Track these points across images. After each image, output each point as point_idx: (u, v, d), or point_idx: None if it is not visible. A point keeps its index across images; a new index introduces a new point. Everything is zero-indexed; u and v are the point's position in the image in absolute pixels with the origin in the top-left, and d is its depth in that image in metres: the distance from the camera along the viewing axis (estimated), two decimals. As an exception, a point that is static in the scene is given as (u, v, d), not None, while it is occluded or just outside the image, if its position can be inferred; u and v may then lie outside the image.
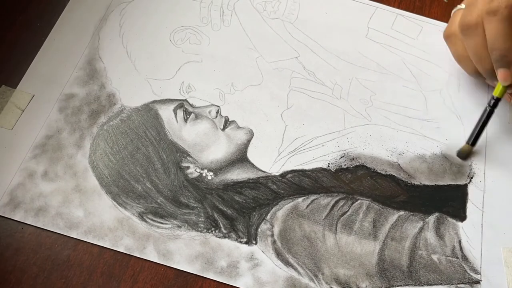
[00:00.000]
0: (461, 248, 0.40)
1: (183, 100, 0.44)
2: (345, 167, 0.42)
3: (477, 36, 0.39)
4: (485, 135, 0.45)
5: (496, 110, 0.44)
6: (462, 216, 0.41)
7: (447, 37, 0.44)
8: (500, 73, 0.40)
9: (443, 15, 0.50)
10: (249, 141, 0.43)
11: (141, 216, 0.39)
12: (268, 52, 0.47)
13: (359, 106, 0.45)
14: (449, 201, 0.42)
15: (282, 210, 0.40)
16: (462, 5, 0.43)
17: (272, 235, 0.39)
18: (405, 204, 0.41)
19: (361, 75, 0.46)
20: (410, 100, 0.46)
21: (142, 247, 0.38)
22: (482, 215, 0.41)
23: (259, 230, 0.39)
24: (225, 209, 0.40)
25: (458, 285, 0.38)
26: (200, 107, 0.44)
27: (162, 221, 0.39)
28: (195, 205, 0.40)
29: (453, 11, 0.45)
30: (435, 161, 0.43)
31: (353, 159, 0.43)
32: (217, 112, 0.44)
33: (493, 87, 0.43)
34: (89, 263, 0.38)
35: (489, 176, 0.43)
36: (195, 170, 0.41)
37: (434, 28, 0.49)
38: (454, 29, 0.43)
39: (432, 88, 0.47)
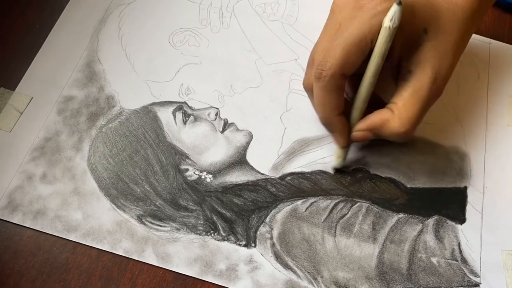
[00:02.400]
0: (460, 251, 0.40)
1: (182, 102, 0.44)
2: (344, 169, 0.42)
3: (312, 99, 0.39)
4: (484, 138, 0.45)
5: (496, 112, 0.44)
6: (461, 219, 0.41)
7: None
8: (332, 137, 0.40)
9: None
10: (248, 143, 0.43)
11: (140, 219, 0.39)
12: (268, 54, 0.47)
13: (358, 109, 0.45)
14: (448, 203, 0.42)
15: (281, 212, 0.40)
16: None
17: (271, 238, 0.39)
18: (405, 206, 0.41)
19: (361, 77, 0.46)
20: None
21: (140, 250, 0.38)
22: (482, 218, 0.41)
23: (258, 233, 0.39)
24: (224, 212, 0.40)
25: (458, 288, 0.38)
26: (199, 109, 0.44)
27: (161, 224, 0.39)
28: (194, 208, 0.40)
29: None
30: (434, 164, 0.43)
31: (352, 162, 0.43)
32: (216, 114, 0.44)
33: None
34: (87, 266, 0.38)
35: (489, 179, 0.43)
36: (194, 172, 0.41)
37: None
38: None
39: (432, 90, 0.46)
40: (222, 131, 0.43)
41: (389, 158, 0.43)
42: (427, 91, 0.36)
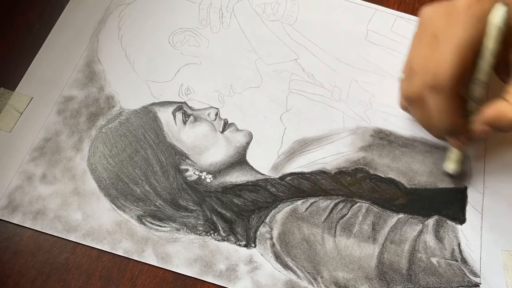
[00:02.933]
0: (460, 251, 0.40)
1: (182, 102, 0.44)
2: (344, 169, 0.42)
3: (422, 108, 0.38)
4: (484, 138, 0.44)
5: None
6: (461, 219, 0.41)
7: (404, 109, 0.43)
8: (451, 141, 0.41)
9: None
10: (248, 143, 0.43)
11: (139, 219, 0.39)
12: (267, 54, 0.47)
13: (358, 108, 0.45)
14: (448, 204, 0.42)
15: (281, 213, 0.40)
16: (402, 74, 0.41)
17: (271, 238, 0.39)
18: (405, 207, 0.41)
19: (361, 77, 0.46)
20: (410, 102, 0.46)
21: (140, 250, 0.38)
22: (482, 218, 0.41)
23: (258, 233, 0.39)
24: (224, 212, 0.40)
25: (458, 288, 0.38)
26: (199, 109, 0.44)
27: (161, 224, 0.39)
28: (194, 208, 0.40)
29: (398, 80, 0.43)
30: (434, 164, 0.43)
31: (352, 162, 0.43)
32: (216, 114, 0.44)
33: None
34: (87, 267, 0.38)
35: (489, 179, 0.43)
36: (194, 172, 0.41)
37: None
38: (402, 100, 0.42)
39: (432, 90, 0.46)
40: (222, 131, 0.43)
41: (389, 159, 0.43)
42: None
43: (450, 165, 0.42)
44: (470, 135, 0.38)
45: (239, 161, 0.42)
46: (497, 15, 0.34)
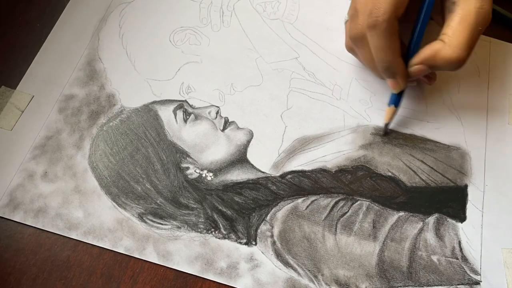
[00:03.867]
0: (461, 249, 0.40)
1: (182, 100, 0.44)
2: (345, 168, 0.42)
3: (365, 47, 0.40)
4: (484, 136, 0.45)
5: (496, 111, 0.44)
6: (462, 217, 0.41)
7: (349, 49, 0.45)
8: (389, 82, 0.41)
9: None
10: (248, 141, 0.43)
11: (140, 217, 0.39)
12: (268, 52, 0.47)
13: (359, 107, 0.45)
14: (448, 202, 0.42)
15: (282, 211, 0.40)
16: (346, 16, 0.43)
17: (272, 236, 0.39)
18: (405, 205, 0.41)
19: (361, 76, 0.46)
20: (410, 101, 0.46)
21: (141, 248, 0.38)
22: (482, 216, 0.41)
23: (258, 231, 0.39)
24: (225, 210, 0.40)
25: (458, 286, 0.38)
26: (199, 107, 0.44)
27: (162, 222, 0.39)
28: (195, 206, 0.40)
29: (343, 22, 0.45)
30: (435, 162, 0.43)
31: (352, 160, 0.43)
32: (217, 112, 0.44)
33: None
34: (88, 264, 0.38)
35: (489, 177, 0.43)
36: (195, 171, 0.41)
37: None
38: (347, 40, 0.44)
39: (432, 88, 0.46)
40: (223, 130, 0.43)
41: (390, 157, 0.43)
42: (475, 17, 0.37)
43: (386, 115, 0.43)
44: (407, 76, 0.40)
45: (240, 159, 0.42)
46: None
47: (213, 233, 0.39)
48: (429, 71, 0.40)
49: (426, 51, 0.39)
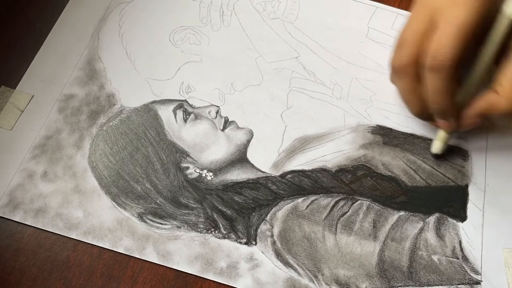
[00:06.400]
0: (461, 249, 0.40)
1: (182, 100, 0.44)
2: (345, 167, 0.42)
3: (406, 79, 0.38)
4: (485, 136, 0.44)
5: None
6: (462, 217, 0.41)
7: (392, 81, 0.42)
8: (441, 123, 0.40)
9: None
10: (248, 141, 0.43)
11: (140, 216, 0.39)
12: (268, 52, 0.47)
13: (359, 106, 0.45)
14: (449, 201, 0.41)
15: (282, 210, 0.40)
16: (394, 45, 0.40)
17: (272, 236, 0.39)
18: (405, 204, 0.41)
19: (361, 75, 0.46)
20: (410, 100, 0.46)
21: (141, 247, 0.38)
22: (483, 216, 0.41)
23: (258, 230, 0.39)
24: (225, 210, 0.40)
25: (459, 286, 0.38)
26: (199, 107, 0.44)
27: (162, 222, 0.39)
28: (195, 206, 0.40)
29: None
30: (435, 161, 0.43)
31: (353, 160, 0.43)
32: (217, 112, 0.44)
33: None
34: (88, 264, 0.38)
35: (490, 176, 0.43)
36: (195, 170, 0.41)
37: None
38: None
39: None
40: (223, 129, 0.43)
41: (390, 156, 0.43)
42: None
43: (436, 145, 0.42)
44: (459, 119, 0.39)
45: (240, 159, 0.42)
46: (509, 5, 0.33)
47: (213, 233, 0.39)
48: (482, 121, 0.39)
49: (481, 104, 0.37)
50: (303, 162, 0.42)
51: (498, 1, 0.35)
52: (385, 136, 0.44)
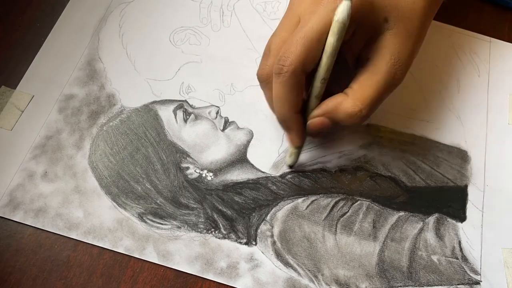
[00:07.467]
0: (461, 249, 0.40)
1: (182, 100, 0.44)
2: (345, 168, 0.42)
3: (269, 90, 0.37)
4: (484, 136, 0.45)
5: (496, 111, 0.44)
6: (462, 217, 0.41)
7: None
8: (286, 136, 0.39)
9: (443, 15, 0.50)
10: (249, 141, 0.43)
11: (140, 217, 0.39)
12: (268, 52, 0.47)
13: (359, 107, 0.45)
14: (449, 201, 0.42)
15: (282, 211, 0.40)
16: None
17: (272, 236, 0.39)
18: (405, 205, 0.41)
19: (361, 76, 0.46)
20: (410, 100, 0.46)
21: (141, 248, 0.38)
22: (482, 216, 0.41)
23: (259, 231, 0.39)
24: (225, 210, 0.40)
25: (458, 286, 0.38)
26: (199, 107, 0.44)
27: (162, 222, 0.39)
28: (195, 206, 0.40)
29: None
30: (435, 162, 0.43)
31: (353, 160, 0.43)
32: (217, 112, 0.44)
33: None
34: (88, 264, 0.38)
35: (489, 177, 0.43)
36: (195, 170, 0.41)
37: (434, 28, 0.49)
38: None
39: (432, 88, 0.47)
40: (223, 130, 0.43)
41: (390, 156, 0.43)
42: (384, 75, 0.35)
43: (287, 157, 0.41)
44: (303, 134, 0.38)
45: (240, 159, 0.42)
46: (340, 11, 0.32)
47: (213, 233, 0.39)
48: (329, 125, 0.37)
49: (328, 103, 0.36)
50: (303, 162, 0.42)
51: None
52: (385, 136, 0.44)
